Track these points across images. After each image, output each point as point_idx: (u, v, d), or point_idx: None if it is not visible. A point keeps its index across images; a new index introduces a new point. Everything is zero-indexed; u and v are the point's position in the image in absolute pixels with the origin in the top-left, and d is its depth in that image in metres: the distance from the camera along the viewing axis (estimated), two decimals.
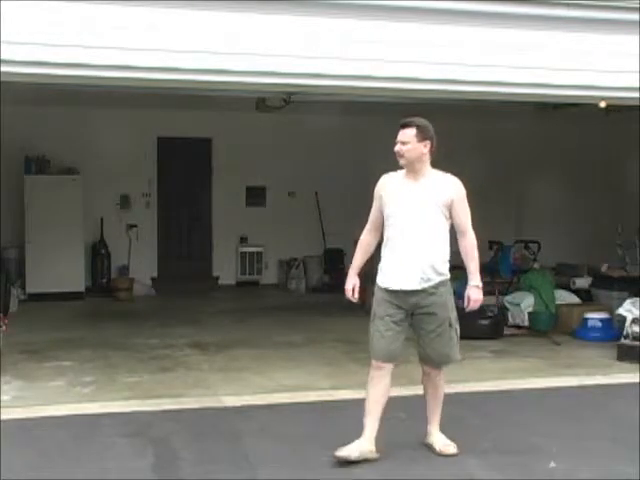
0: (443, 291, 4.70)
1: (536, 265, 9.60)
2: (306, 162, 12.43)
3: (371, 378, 4.77)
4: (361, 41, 6.26)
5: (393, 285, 4.70)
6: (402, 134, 4.71)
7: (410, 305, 4.68)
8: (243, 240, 12.86)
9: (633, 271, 9.43)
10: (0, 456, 4.61)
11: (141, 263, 12.25)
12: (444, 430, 5.22)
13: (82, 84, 6.64)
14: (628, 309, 7.82)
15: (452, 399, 6.13)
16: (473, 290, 4.73)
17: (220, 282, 12.82)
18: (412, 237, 4.64)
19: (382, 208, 4.79)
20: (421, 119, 4.78)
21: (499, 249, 9.93)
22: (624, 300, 8.11)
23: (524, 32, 6.60)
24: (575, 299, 9.63)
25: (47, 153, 11.36)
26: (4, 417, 5.43)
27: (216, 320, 9.81)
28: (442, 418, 5.21)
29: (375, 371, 4.76)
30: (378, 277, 4.80)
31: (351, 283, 4.87)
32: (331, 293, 11.42)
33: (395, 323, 4.70)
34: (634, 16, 6.71)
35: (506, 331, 8.93)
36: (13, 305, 9.98)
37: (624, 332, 7.74)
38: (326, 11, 6.16)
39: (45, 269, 10.98)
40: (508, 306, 9.28)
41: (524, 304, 9.11)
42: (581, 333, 8.76)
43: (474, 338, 8.56)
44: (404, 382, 6.68)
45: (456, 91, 6.83)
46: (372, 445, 4.70)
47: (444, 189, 4.70)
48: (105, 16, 5.74)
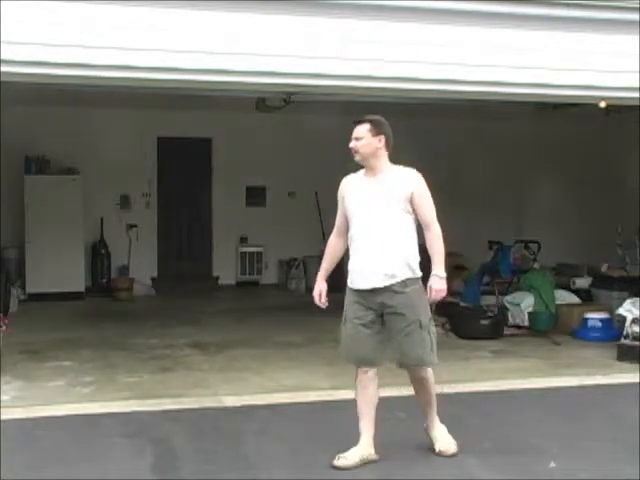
0: (410, 290, 4.56)
1: (536, 265, 9.60)
2: (306, 162, 12.43)
3: (357, 382, 4.72)
4: (361, 41, 6.27)
5: (358, 284, 4.63)
6: (356, 130, 4.66)
7: (377, 305, 4.59)
8: (243, 240, 12.86)
9: (633, 271, 9.43)
10: (0, 456, 4.61)
11: (141, 263, 12.25)
12: None
13: (82, 84, 6.64)
14: (628, 309, 7.82)
15: (452, 399, 6.14)
16: (435, 280, 4.58)
17: (220, 282, 12.82)
18: (373, 234, 4.57)
19: (345, 210, 4.73)
20: (376, 115, 4.73)
21: (499, 249, 9.92)
22: (624, 300, 8.11)
23: (524, 32, 6.60)
24: (575, 299, 9.63)
25: (47, 153, 11.36)
26: (4, 417, 5.42)
27: (216, 320, 9.81)
28: (442, 418, 5.21)
29: (359, 375, 4.70)
30: (348, 278, 4.74)
31: (318, 288, 4.80)
32: (331, 293, 11.39)
33: (364, 326, 4.61)
34: (634, 16, 6.71)
35: (506, 331, 8.93)
36: (13, 305, 9.99)
37: (624, 332, 7.73)
38: (326, 11, 6.17)
39: (45, 269, 10.98)
40: (508, 306, 9.28)
41: (524, 304, 9.11)
42: (581, 333, 8.76)
43: (474, 338, 8.59)
44: (403, 382, 6.70)
45: (456, 91, 6.83)
46: (371, 448, 4.69)
47: (403, 183, 4.60)
48: (105, 16, 5.74)
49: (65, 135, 11.52)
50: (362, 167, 4.78)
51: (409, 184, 4.60)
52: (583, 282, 10.02)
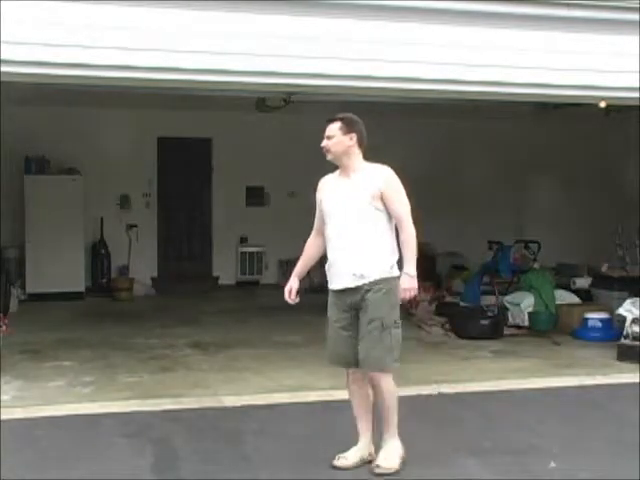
0: (380, 288, 4.46)
1: (536, 265, 9.60)
2: (306, 162, 12.39)
3: (348, 384, 4.69)
4: (361, 41, 6.27)
5: (332, 285, 4.63)
6: (327, 129, 4.63)
7: (349, 305, 4.54)
8: (243, 240, 12.86)
9: (633, 271, 9.43)
10: (0, 456, 4.61)
11: (141, 263, 12.25)
12: (444, 431, 5.23)
13: (82, 84, 6.63)
14: (628, 309, 7.82)
15: (452, 399, 6.15)
16: (405, 278, 4.47)
17: (220, 282, 12.82)
18: (345, 235, 4.52)
19: (322, 211, 4.71)
20: (348, 113, 4.68)
21: (499, 249, 9.92)
22: (624, 300, 8.11)
23: (524, 32, 6.61)
24: (575, 299, 9.63)
25: (47, 153, 11.36)
26: (4, 417, 5.42)
27: (216, 320, 9.81)
28: (443, 418, 5.22)
29: (348, 377, 4.66)
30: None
31: (289, 285, 4.80)
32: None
33: (343, 328, 4.58)
34: (634, 16, 6.72)
35: (506, 331, 8.93)
36: (13, 305, 9.99)
37: (624, 332, 7.73)
38: (326, 11, 6.17)
39: (45, 269, 10.97)
40: (508, 306, 9.28)
41: (524, 304, 9.11)
42: (581, 333, 8.76)
43: (474, 338, 8.59)
44: (403, 382, 6.70)
45: (456, 91, 6.83)
46: (370, 448, 4.68)
47: (372, 181, 4.52)
48: (105, 16, 5.74)
49: (65, 135, 11.52)
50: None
51: (378, 181, 4.52)
52: (583, 282, 10.02)
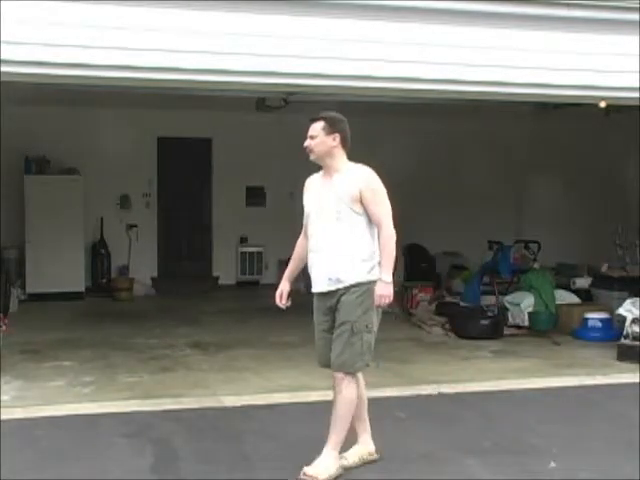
0: (355, 290, 4.38)
1: (536, 265, 9.60)
2: (306, 162, 12.40)
3: (334, 386, 4.59)
4: (361, 41, 6.27)
5: (313, 288, 4.56)
6: (311, 128, 4.53)
7: (329, 308, 4.48)
8: (243, 240, 12.86)
9: (633, 271, 9.43)
10: (0, 456, 4.61)
11: (141, 263, 12.25)
12: (444, 431, 5.23)
13: (82, 84, 6.63)
14: (628, 309, 7.82)
15: (452, 399, 6.15)
16: (380, 285, 4.35)
17: (220, 282, 12.82)
18: (322, 237, 4.46)
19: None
20: (332, 112, 4.56)
21: (499, 249, 9.93)
22: (624, 300, 8.11)
23: (524, 32, 6.60)
24: (575, 299, 9.63)
25: (47, 153, 11.36)
26: (4, 417, 5.43)
27: (216, 320, 9.81)
28: (443, 418, 5.20)
29: (334, 380, 4.56)
30: None
31: (280, 289, 4.73)
32: None
33: (325, 331, 4.53)
34: (634, 16, 6.72)
35: (506, 331, 8.93)
36: (13, 305, 9.99)
37: (624, 332, 7.74)
38: (326, 11, 6.17)
39: (45, 269, 10.97)
40: (508, 306, 9.28)
41: (524, 304, 9.11)
42: (581, 333, 8.76)
43: (474, 338, 8.59)
44: (403, 382, 6.70)
45: (456, 91, 6.83)
46: (370, 446, 4.68)
47: (351, 183, 4.40)
48: (105, 16, 5.74)
49: (65, 135, 11.52)
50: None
51: (356, 183, 4.39)
52: (583, 282, 10.02)
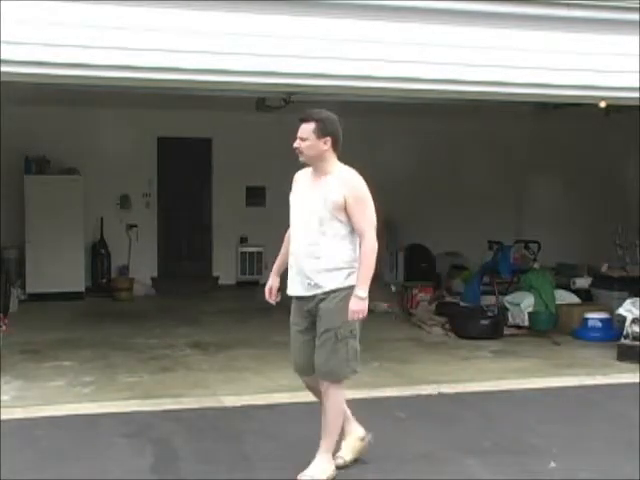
0: (335, 296, 4.30)
1: (536, 265, 9.60)
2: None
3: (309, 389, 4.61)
4: (361, 41, 6.27)
5: (289, 291, 4.49)
6: (301, 129, 4.36)
7: (307, 311, 4.41)
8: (243, 240, 12.85)
9: (633, 271, 9.43)
10: (0, 456, 4.61)
11: (141, 263, 12.25)
12: (444, 431, 5.22)
13: (82, 84, 6.63)
14: (628, 309, 7.82)
15: (452, 399, 6.15)
16: (353, 301, 4.24)
17: (220, 282, 12.81)
18: (304, 241, 4.36)
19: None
20: (323, 112, 4.40)
21: (499, 249, 9.93)
22: (624, 300, 8.11)
23: (524, 32, 6.60)
24: (575, 299, 9.63)
25: (47, 153, 11.36)
26: (4, 417, 5.43)
27: (216, 320, 9.81)
28: (443, 418, 5.20)
29: (305, 385, 4.58)
30: None
31: (269, 284, 4.65)
32: None
33: (300, 332, 4.47)
34: (634, 16, 6.72)
35: (506, 331, 8.93)
36: (13, 305, 9.99)
37: (624, 332, 7.74)
38: (326, 11, 6.17)
39: (45, 269, 10.97)
40: (508, 306, 9.28)
41: (524, 304, 9.11)
42: (581, 333, 8.76)
43: (474, 338, 8.59)
44: (403, 382, 6.71)
45: (456, 91, 6.83)
46: (359, 431, 4.64)
47: (337, 190, 4.28)
48: (105, 16, 5.74)
49: (65, 135, 11.51)
50: None
51: (341, 190, 4.28)
52: (583, 282, 10.02)
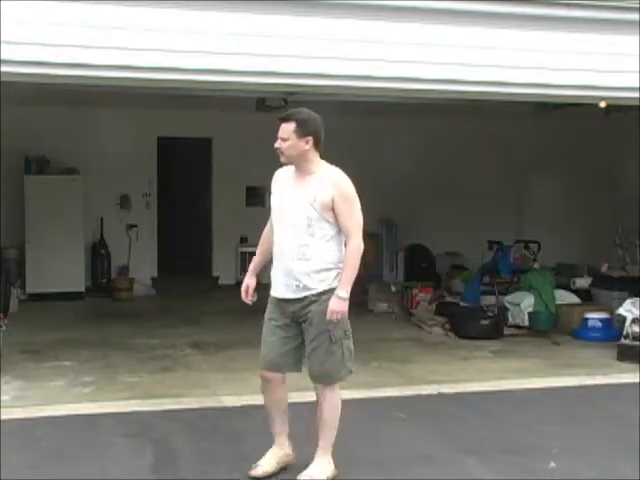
0: (325, 299, 4.22)
1: (536, 265, 9.60)
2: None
3: (263, 389, 4.52)
4: (361, 41, 6.27)
5: (274, 293, 4.42)
6: (281, 129, 4.30)
7: (290, 314, 4.34)
8: (243, 240, 12.85)
9: (633, 271, 9.43)
10: (0, 456, 4.61)
11: (141, 263, 12.24)
12: (444, 431, 5.22)
13: (82, 84, 6.64)
14: (628, 309, 7.82)
15: (452, 399, 6.15)
16: (334, 300, 4.19)
17: (220, 282, 12.80)
18: (290, 243, 4.29)
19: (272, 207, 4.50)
20: (304, 111, 4.35)
21: (499, 249, 9.93)
22: (624, 300, 8.11)
23: (524, 32, 6.60)
24: (575, 299, 9.63)
25: (47, 153, 11.36)
26: (4, 417, 5.43)
27: (216, 320, 9.81)
28: (443, 418, 5.20)
29: (261, 381, 4.50)
30: None
31: (245, 284, 4.58)
32: None
33: (279, 328, 4.38)
34: (634, 16, 6.72)
35: (506, 331, 8.93)
36: (13, 305, 9.97)
37: (624, 332, 7.74)
38: (326, 11, 6.17)
39: (45, 269, 10.97)
40: (508, 306, 9.27)
41: (524, 304, 9.11)
42: (581, 333, 8.76)
43: (474, 338, 8.59)
44: (403, 382, 6.71)
45: (456, 91, 6.83)
46: (287, 448, 4.54)
47: (323, 189, 4.23)
48: (105, 16, 5.74)
49: (65, 135, 11.51)
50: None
51: (329, 190, 4.22)
52: (583, 282, 10.01)
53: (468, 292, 10.01)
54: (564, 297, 9.50)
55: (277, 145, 4.37)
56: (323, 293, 4.27)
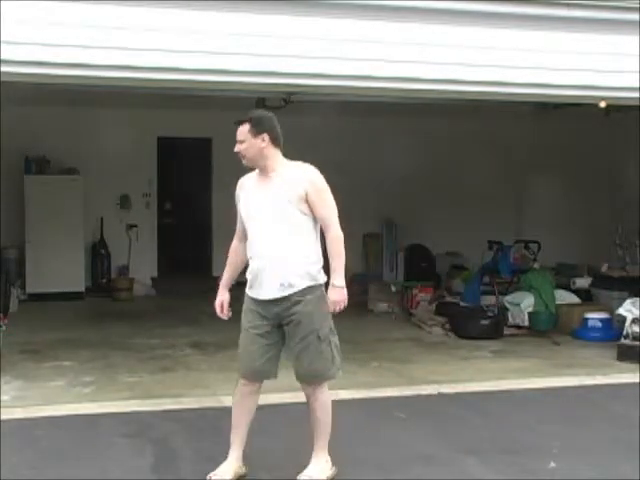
0: (310, 299, 4.21)
1: (536, 265, 9.60)
2: (306, 162, 12.41)
3: (235, 394, 4.51)
4: (361, 41, 6.27)
5: (255, 294, 4.39)
6: (238, 133, 4.38)
7: (274, 315, 4.30)
8: None
9: (633, 271, 9.43)
10: (0, 456, 4.61)
11: (141, 263, 12.24)
12: (444, 431, 5.22)
13: (82, 84, 6.64)
14: (628, 309, 7.82)
15: (452, 399, 6.15)
16: (332, 291, 4.20)
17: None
18: (267, 240, 4.27)
19: (241, 214, 4.52)
20: (257, 111, 4.47)
21: (499, 249, 9.92)
22: (624, 300, 8.11)
23: (524, 32, 6.60)
24: (575, 299, 9.63)
25: (47, 153, 11.36)
26: (4, 417, 5.43)
27: (216, 320, 9.73)
28: (443, 418, 5.20)
29: (241, 387, 4.48)
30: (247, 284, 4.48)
31: (220, 299, 4.57)
32: None
33: (261, 336, 4.35)
34: (634, 16, 6.72)
35: (506, 331, 8.93)
36: (13, 305, 9.97)
37: (624, 332, 7.74)
38: (326, 11, 6.17)
39: (45, 269, 10.97)
40: (508, 306, 9.27)
41: (524, 304, 9.11)
42: (581, 333, 8.76)
43: (474, 338, 8.59)
44: (403, 382, 6.71)
45: (456, 91, 6.83)
46: (240, 461, 4.48)
47: (296, 182, 4.26)
48: (105, 16, 5.74)
49: (65, 135, 11.50)
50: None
51: (302, 182, 4.26)
52: (583, 282, 10.01)
53: (468, 292, 10.00)
54: (564, 297, 9.50)
55: (236, 149, 4.44)
56: (307, 291, 4.24)
